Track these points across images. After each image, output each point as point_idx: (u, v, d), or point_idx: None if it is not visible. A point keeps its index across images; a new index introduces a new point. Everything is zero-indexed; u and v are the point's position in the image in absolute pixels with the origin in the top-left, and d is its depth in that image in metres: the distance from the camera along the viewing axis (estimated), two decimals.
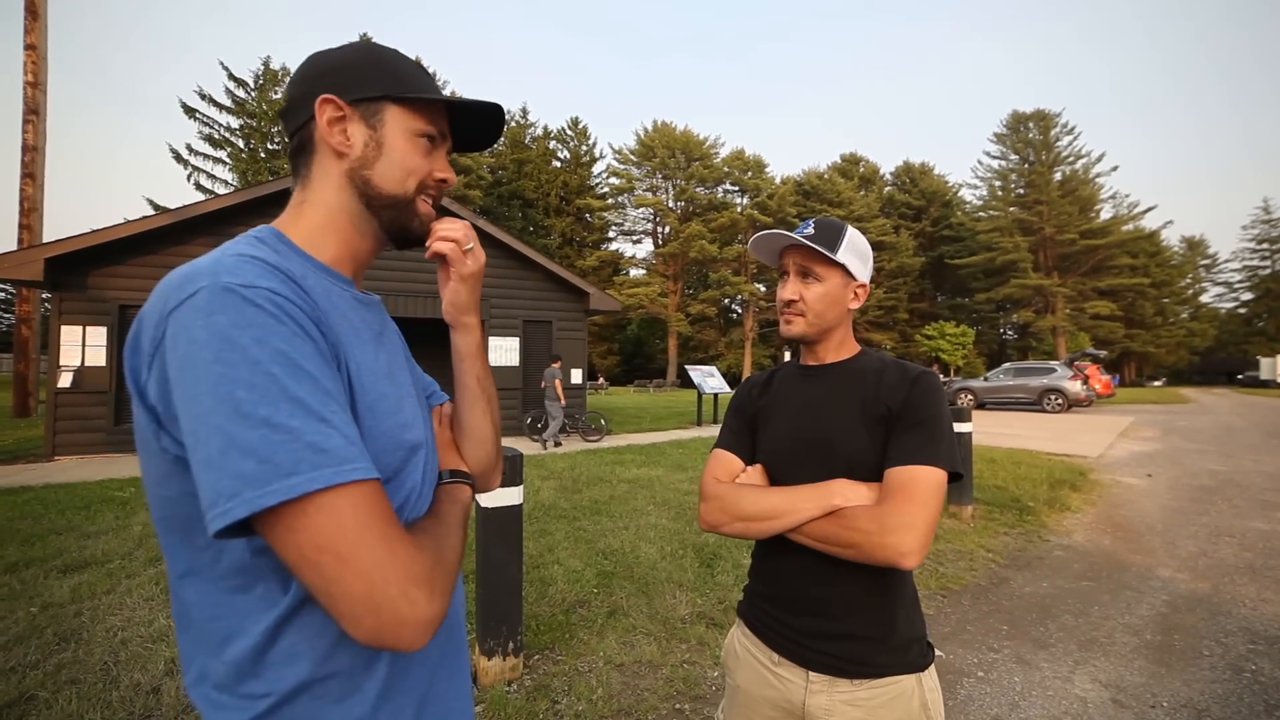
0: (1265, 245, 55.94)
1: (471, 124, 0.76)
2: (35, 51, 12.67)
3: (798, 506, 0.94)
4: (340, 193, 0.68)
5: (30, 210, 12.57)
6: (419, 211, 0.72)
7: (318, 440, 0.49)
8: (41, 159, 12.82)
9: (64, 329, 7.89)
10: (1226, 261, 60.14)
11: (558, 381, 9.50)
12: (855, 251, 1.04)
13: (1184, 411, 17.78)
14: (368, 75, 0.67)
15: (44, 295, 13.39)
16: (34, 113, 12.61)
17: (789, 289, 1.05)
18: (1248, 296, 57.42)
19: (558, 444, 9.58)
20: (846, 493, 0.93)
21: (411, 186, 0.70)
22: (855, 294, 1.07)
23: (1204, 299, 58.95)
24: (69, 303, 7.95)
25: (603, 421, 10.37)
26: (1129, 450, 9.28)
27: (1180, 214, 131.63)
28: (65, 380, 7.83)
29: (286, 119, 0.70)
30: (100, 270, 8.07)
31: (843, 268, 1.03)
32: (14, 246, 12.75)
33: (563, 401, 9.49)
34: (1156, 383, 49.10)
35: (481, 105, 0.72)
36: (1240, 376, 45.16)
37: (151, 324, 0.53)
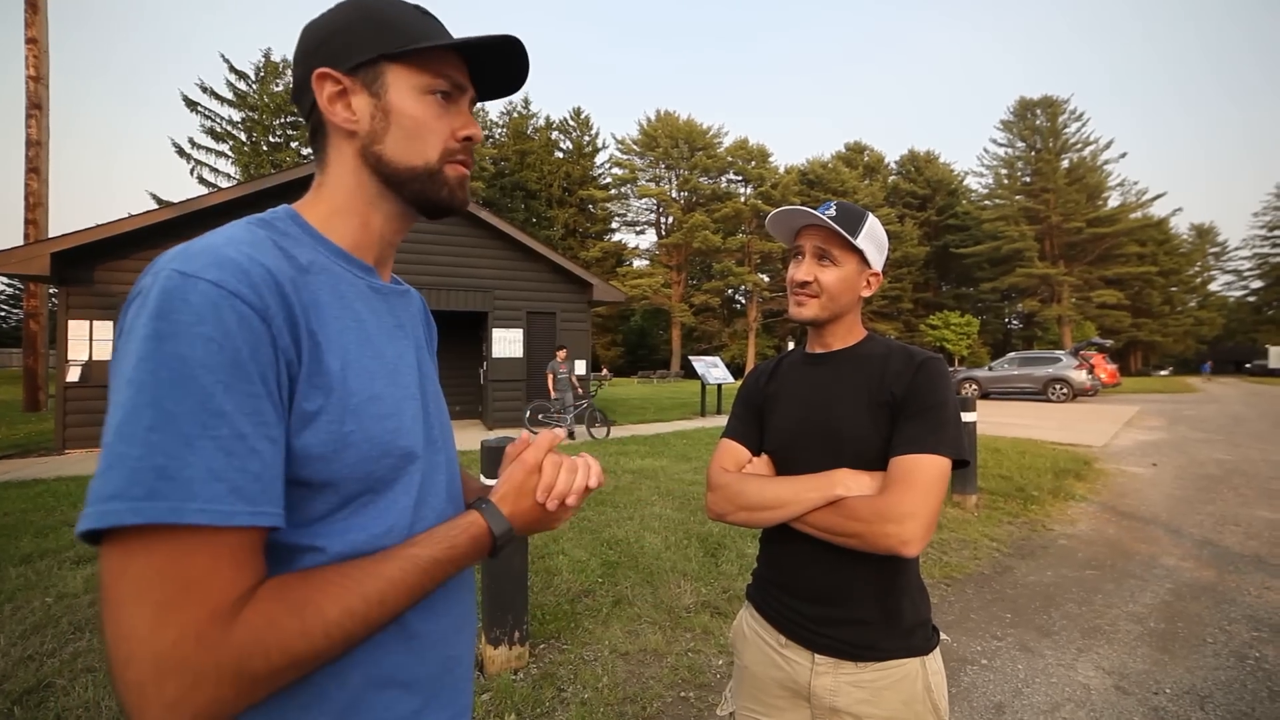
0: (1277, 232, 55.24)
1: (493, 69, 0.66)
2: (37, 45, 12.64)
3: (800, 496, 0.95)
4: (355, 174, 0.62)
5: (35, 205, 12.60)
6: (448, 180, 0.64)
7: (166, 465, 0.42)
8: (45, 154, 12.84)
9: (71, 323, 7.93)
10: (1236, 249, 60.01)
11: (560, 373, 9.55)
12: (874, 239, 1.04)
13: (1190, 401, 17.68)
14: (358, 36, 0.59)
15: (51, 290, 13.51)
16: (37, 107, 12.61)
17: (804, 270, 1.04)
18: (1258, 284, 56.90)
19: (571, 435, 9.64)
20: (848, 482, 0.93)
21: (434, 155, 0.62)
22: (868, 282, 1.06)
23: (1213, 287, 58.51)
24: (76, 297, 7.99)
25: (598, 414, 10.04)
26: (1134, 440, 9.25)
27: (1190, 201, 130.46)
28: (74, 374, 7.89)
29: (297, 103, 0.64)
30: (105, 264, 8.10)
31: (860, 254, 1.02)
32: (20, 242, 12.83)
33: (553, 394, 9.45)
34: (1163, 372, 48.81)
35: (493, 41, 0.61)
36: (1249, 365, 44.84)
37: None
